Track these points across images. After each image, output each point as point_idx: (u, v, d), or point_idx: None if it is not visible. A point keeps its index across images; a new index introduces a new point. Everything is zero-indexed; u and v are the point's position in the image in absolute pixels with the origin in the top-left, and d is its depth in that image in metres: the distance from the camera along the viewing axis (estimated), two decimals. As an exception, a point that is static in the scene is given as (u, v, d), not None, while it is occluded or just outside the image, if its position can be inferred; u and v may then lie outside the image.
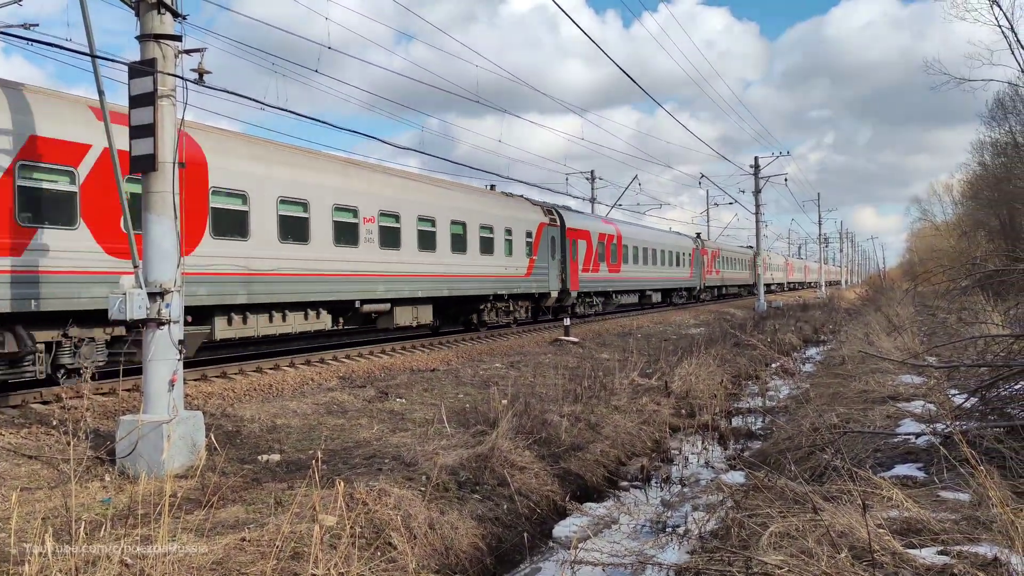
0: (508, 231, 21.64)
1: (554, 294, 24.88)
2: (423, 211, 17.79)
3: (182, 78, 8.05)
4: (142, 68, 7.94)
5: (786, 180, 47.69)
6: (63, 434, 8.44)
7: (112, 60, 8.44)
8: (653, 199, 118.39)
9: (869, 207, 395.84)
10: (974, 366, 9.20)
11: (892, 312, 23.38)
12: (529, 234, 22.98)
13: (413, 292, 17.25)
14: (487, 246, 20.48)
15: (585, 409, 11.27)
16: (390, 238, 16.59)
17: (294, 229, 13.88)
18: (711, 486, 8.25)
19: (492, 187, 24.26)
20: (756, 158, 44.00)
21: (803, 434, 8.54)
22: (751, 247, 66.44)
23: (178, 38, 8.09)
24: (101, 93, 8.17)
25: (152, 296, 7.86)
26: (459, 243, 19.22)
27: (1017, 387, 7.80)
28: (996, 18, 28.65)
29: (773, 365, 20.14)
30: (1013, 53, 27.69)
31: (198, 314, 11.96)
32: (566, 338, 21.67)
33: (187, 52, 8.20)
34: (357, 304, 15.68)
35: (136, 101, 7.99)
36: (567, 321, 22.60)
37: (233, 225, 12.67)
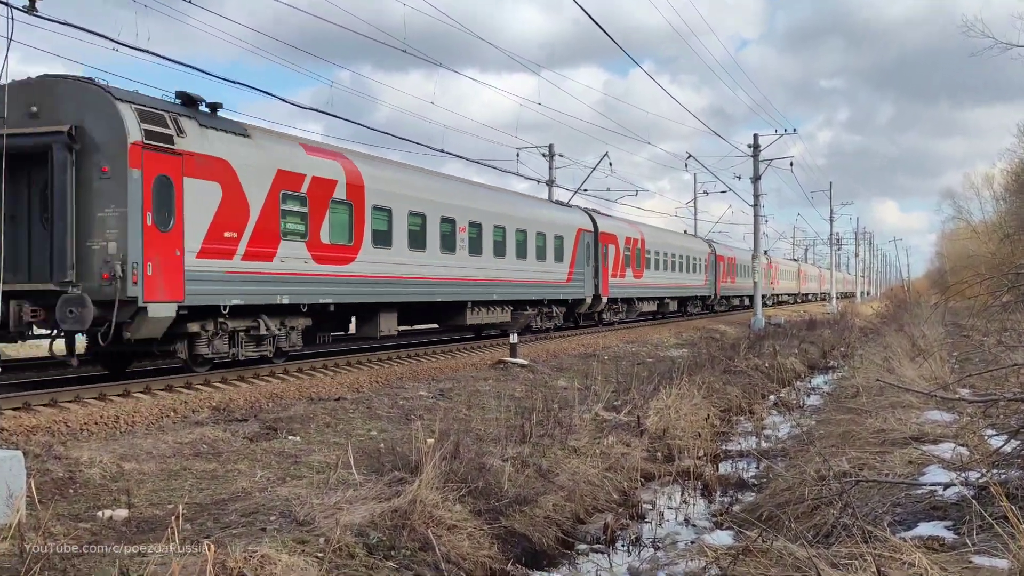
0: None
1: (588, 299, 33.08)
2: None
3: (6, 3, 7.80)
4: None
5: (791, 164, 48.87)
6: None
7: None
8: (627, 183, 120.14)
9: (890, 201, 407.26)
10: (1016, 400, 9.51)
11: (917, 332, 24.08)
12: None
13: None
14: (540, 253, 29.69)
15: (535, 451, 11.32)
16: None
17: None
18: (691, 549, 8.34)
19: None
20: (756, 136, 44.97)
21: (806, 483, 8.70)
22: (795, 258, 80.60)
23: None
24: None
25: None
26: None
27: (1068, 426, 8.07)
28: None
29: (771, 397, 20.51)
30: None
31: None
32: (512, 360, 21.71)
33: (13, -26, 7.95)
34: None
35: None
36: (514, 338, 22.70)
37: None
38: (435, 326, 26.98)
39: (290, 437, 11.92)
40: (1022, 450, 8.03)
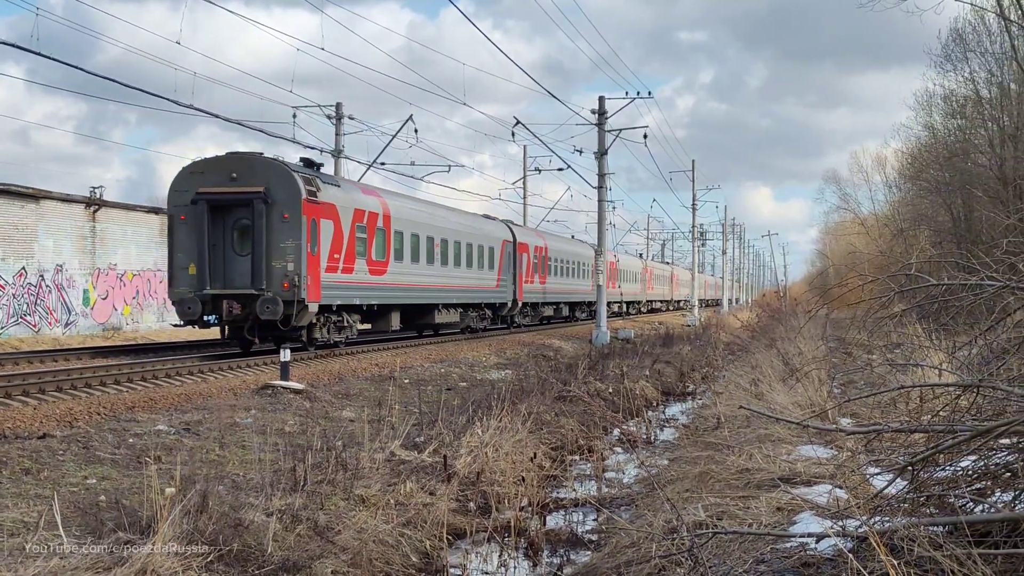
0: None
1: (509, 303, 47.92)
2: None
3: None
4: None
5: (645, 136, 50.30)
6: None
7: None
8: (437, 156, 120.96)
9: (764, 188, 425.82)
10: (903, 431, 10.10)
11: (792, 349, 25.35)
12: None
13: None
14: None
15: (311, 502, 11.27)
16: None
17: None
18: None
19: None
20: (601, 99, 46.03)
21: (653, 538, 9.01)
22: (667, 260, 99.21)
23: None
24: None
25: None
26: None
27: (964, 464, 8.61)
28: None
29: (616, 431, 21.09)
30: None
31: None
32: (283, 384, 21.50)
33: None
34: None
35: None
36: (285, 356, 22.46)
37: None
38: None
39: (-29, 489, 11.54)
40: (909, 492, 8.50)
